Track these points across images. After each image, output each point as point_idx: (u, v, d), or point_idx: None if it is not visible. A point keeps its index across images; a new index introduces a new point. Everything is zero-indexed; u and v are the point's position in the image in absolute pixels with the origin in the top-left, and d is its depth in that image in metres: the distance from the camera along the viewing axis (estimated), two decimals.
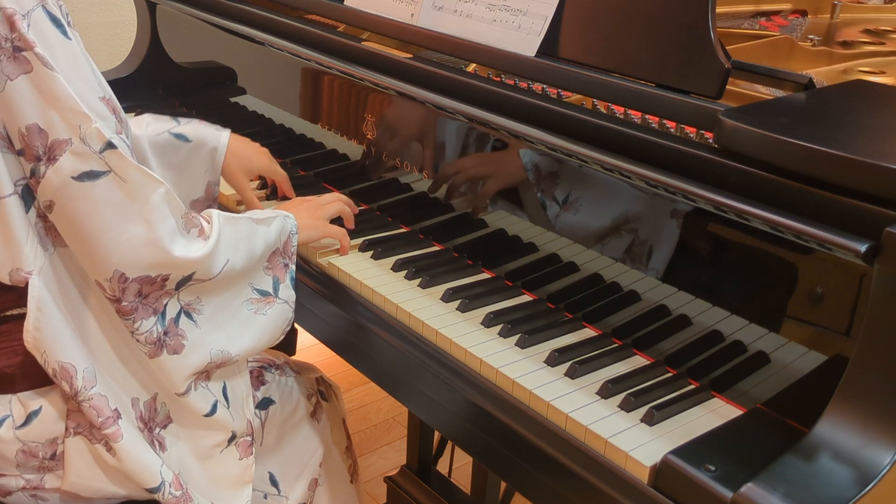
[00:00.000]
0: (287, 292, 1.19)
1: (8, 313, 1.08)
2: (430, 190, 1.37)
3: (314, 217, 1.30)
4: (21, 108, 0.96)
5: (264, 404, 1.30)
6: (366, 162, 1.49)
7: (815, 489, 0.82)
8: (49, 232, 1.04)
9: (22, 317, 1.05)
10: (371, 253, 1.32)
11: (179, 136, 1.37)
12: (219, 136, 1.41)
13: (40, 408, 1.08)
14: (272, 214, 1.20)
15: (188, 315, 1.09)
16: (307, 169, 1.62)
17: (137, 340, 1.05)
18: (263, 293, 1.17)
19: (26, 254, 1.02)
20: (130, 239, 1.00)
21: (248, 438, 1.19)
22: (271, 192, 1.53)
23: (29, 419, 1.08)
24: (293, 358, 1.48)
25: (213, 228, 1.09)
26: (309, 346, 2.45)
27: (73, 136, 0.97)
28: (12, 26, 0.94)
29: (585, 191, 1.16)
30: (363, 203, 1.50)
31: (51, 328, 1.03)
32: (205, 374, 1.13)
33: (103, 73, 1.07)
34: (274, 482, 1.33)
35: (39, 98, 0.96)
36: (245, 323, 1.14)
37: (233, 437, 1.17)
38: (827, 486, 0.82)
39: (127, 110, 1.35)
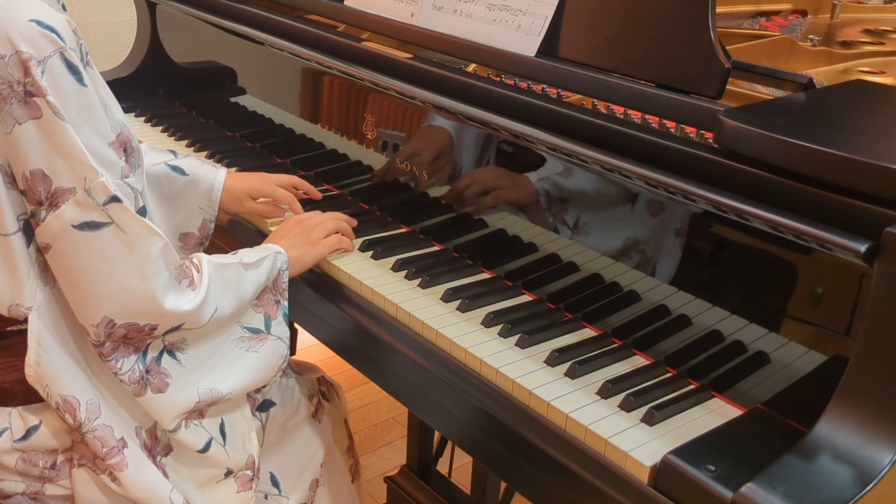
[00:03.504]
0: (280, 329, 1.18)
1: (9, 329, 1.08)
2: (431, 192, 1.37)
3: (307, 241, 1.28)
4: (27, 152, 0.95)
5: (265, 406, 1.29)
6: (366, 162, 1.49)
7: (815, 489, 0.82)
8: (47, 267, 1.03)
9: (22, 333, 1.05)
10: (371, 253, 1.32)
11: (176, 169, 1.35)
12: (216, 174, 1.39)
13: (39, 423, 1.08)
14: (263, 254, 1.18)
15: (171, 354, 1.08)
16: (307, 169, 1.62)
17: (122, 381, 1.04)
18: (254, 331, 1.16)
19: (27, 291, 1.02)
20: (124, 289, 1.00)
21: (249, 473, 1.18)
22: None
23: (28, 434, 1.08)
24: (293, 358, 1.48)
25: (202, 278, 1.08)
26: (309, 346, 2.45)
27: (78, 186, 0.97)
28: (27, 71, 0.93)
29: (585, 191, 1.16)
30: (363, 203, 1.50)
31: (52, 363, 1.03)
32: (197, 412, 1.12)
33: (103, 74, 1.06)
34: (275, 482, 1.33)
35: (46, 145, 0.95)
36: (236, 361, 1.13)
37: (229, 472, 1.17)
38: (827, 486, 0.82)
39: (126, 111, 1.35)
